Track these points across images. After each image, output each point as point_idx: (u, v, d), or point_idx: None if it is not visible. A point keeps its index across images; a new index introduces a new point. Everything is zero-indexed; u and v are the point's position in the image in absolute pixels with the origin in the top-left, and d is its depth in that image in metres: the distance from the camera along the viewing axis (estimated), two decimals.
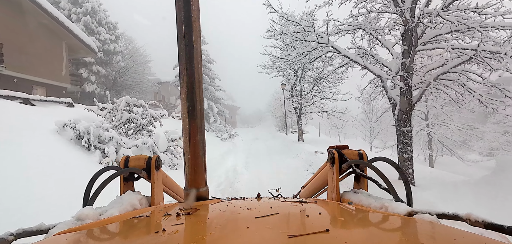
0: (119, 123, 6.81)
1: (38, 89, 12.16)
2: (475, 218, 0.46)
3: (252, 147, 15.84)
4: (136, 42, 21.42)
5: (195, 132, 0.79)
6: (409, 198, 0.68)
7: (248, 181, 7.18)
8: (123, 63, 18.72)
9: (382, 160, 0.78)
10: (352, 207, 0.66)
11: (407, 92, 5.16)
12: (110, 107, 6.92)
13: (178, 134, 7.56)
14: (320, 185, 0.98)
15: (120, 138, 5.69)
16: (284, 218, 0.54)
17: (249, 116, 49.68)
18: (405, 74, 4.79)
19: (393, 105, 5.74)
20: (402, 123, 5.43)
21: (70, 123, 5.44)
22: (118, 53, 19.26)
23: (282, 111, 27.61)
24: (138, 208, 0.73)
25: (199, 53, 0.80)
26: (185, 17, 0.77)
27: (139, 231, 0.51)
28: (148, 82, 21.79)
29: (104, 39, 18.55)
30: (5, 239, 0.49)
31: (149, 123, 7.43)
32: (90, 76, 17.46)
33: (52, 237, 0.49)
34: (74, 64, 17.17)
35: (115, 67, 18.69)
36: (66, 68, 14.07)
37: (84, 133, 5.35)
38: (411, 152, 5.34)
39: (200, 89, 0.80)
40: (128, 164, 0.84)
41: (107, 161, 5.14)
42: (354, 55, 5.58)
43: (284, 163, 9.94)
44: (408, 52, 4.81)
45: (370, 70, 5.47)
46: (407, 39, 4.79)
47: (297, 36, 5.82)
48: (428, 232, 0.44)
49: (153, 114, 7.47)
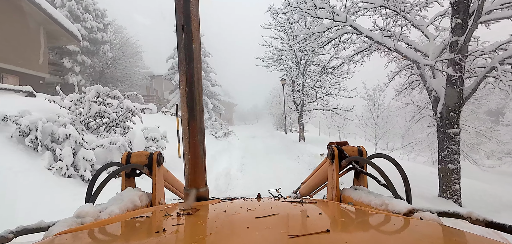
0: (86, 117, 5.58)
1: (9, 79, 10.83)
2: (476, 216, 0.46)
3: (249, 146, 14.71)
4: (127, 31, 20.03)
5: (195, 131, 0.79)
6: (408, 195, 0.68)
7: (244, 186, 6.08)
8: (111, 53, 17.34)
9: (381, 156, 0.77)
10: (352, 207, 0.66)
11: (458, 82, 3.94)
12: (76, 98, 5.68)
13: (159, 132, 6.34)
14: (320, 181, 0.99)
15: (81, 136, 4.45)
16: (284, 218, 0.54)
17: (247, 114, 48.63)
18: (459, 56, 3.57)
19: (434, 100, 4.53)
20: (447, 123, 4.23)
21: (13, 116, 4.21)
22: (106, 42, 17.89)
23: (281, 109, 26.43)
24: (138, 205, 0.75)
25: (199, 53, 0.80)
26: (185, 16, 0.77)
27: (140, 231, 0.51)
28: (139, 75, 20.44)
29: (91, 27, 17.17)
30: (4, 237, 0.50)
31: (126, 118, 6.22)
32: (74, 66, 16.09)
33: (52, 237, 0.48)
34: (57, 53, 15.81)
35: (103, 57, 17.32)
36: (44, 56, 12.71)
37: (30, 129, 4.11)
38: (459, 162, 4.13)
39: (199, 89, 0.80)
40: (130, 160, 0.85)
41: (59, 165, 3.93)
42: (379, 36, 4.37)
43: (284, 165, 8.80)
44: (462, 27, 3.60)
45: (402, 54, 4.27)
46: (461, 9, 3.59)
47: (307, 12, 4.61)
48: (429, 233, 0.43)
49: (131, 108, 6.24)
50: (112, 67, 17.56)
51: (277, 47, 12.86)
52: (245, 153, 11.63)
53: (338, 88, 11.98)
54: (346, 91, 11.89)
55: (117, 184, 0.84)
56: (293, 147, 12.23)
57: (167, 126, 7.85)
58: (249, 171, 8.05)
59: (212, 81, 21.70)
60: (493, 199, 4.97)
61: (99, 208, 0.63)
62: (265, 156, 10.98)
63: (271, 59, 12.56)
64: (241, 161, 9.75)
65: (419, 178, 7.11)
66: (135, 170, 0.87)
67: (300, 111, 12.97)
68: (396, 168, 0.72)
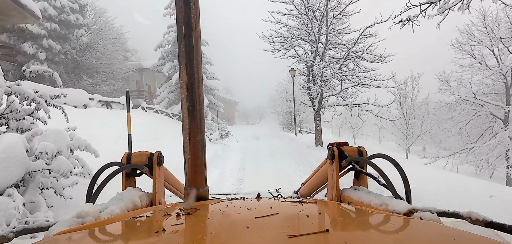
0: None
1: None
2: (475, 216, 0.46)
3: (251, 150, 11.78)
4: (109, 14, 17.09)
5: (195, 131, 0.79)
6: (408, 195, 0.68)
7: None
8: (86, 39, 14.45)
9: (381, 156, 0.77)
10: (352, 207, 0.66)
11: None
12: None
13: (95, 136, 3.37)
14: (320, 182, 0.99)
15: None
16: (284, 218, 0.54)
17: (249, 112, 45.83)
18: None
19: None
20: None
21: None
22: (81, 26, 15.03)
23: (288, 106, 23.37)
24: (139, 205, 0.75)
25: (199, 54, 0.81)
26: (185, 17, 0.78)
27: (139, 231, 0.51)
28: (123, 67, 17.54)
29: (62, 6, 14.33)
30: (5, 236, 0.50)
31: (25, 112, 3.31)
32: (38, 52, 13.26)
33: (52, 237, 0.49)
34: (15, 35, 12.97)
35: (76, 43, 14.45)
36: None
37: None
38: None
39: (200, 90, 0.81)
40: (131, 160, 0.86)
41: None
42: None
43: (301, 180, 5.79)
44: None
45: None
46: None
47: None
48: (429, 233, 0.43)
49: (32, 95, 3.30)
50: (87, 54, 14.68)
51: (287, 24, 9.86)
52: (244, 161, 8.67)
53: (368, 77, 8.91)
54: (381, 80, 8.82)
55: (118, 185, 0.85)
56: (308, 154, 9.25)
57: (155, 128, 5.02)
58: (250, 190, 5.08)
59: (209, 73, 18.77)
60: None
61: (100, 208, 0.64)
62: (271, 165, 8.03)
63: (280, 38, 9.59)
64: (238, 175, 6.81)
65: (474, 197, 4.29)
66: (135, 170, 0.87)
67: (317, 108, 9.93)
68: (396, 168, 0.71)
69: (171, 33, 16.89)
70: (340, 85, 9.47)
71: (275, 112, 29.03)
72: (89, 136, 3.88)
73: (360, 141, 24.97)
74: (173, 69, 16.82)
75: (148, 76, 23.10)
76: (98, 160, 3.19)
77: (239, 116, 43.85)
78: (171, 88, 16.79)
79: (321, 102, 9.79)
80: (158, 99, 16.30)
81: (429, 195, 3.88)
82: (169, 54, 17.35)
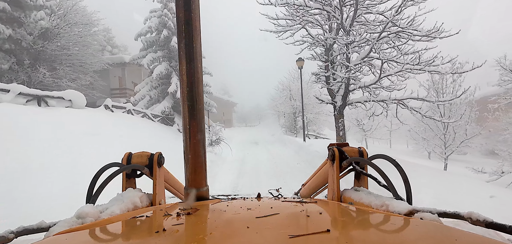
0: None
1: None
2: (476, 217, 0.45)
3: (248, 161, 9.10)
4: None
5: (195, 131, 0.79)
6: (409, 196, 0.67)
7: None
8: (45, 22, 11.69)
9: (381, 157, 0.76)
10: (353, 207, 0.65)
11: None
12: None
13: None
14: (321, 183, 0.98)
15: None
16: (284, 218, 0.54)
17: (248, 114, 43.08)
18: None
19: None
20: None
21: None
22: (40, 7, 12.25)
23: (292, 105, 20.58)
24: (139, 206, 0.75)
25: (199, 53, 0.80)
26: (185, 16, 0.77)
27: (140, 231, 0.51)
28: (97, 59, 14.71)
29: None
30: (5, 237, 0.49)
31: None
32: None
33: (53, 237, 0.48)
34: None
35: (33, 29, 11.67)
36: None
37: None
38: None
39: (200, 89, 0.80)
40: (131, 161, 0.85)
41: None
42: None
43: None
44: None
45: None
46: None
47: None
48: (429, 234, 0.43)
49: None
50: (48, 42, 11.90)
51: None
52: (237, 185, 5.94)
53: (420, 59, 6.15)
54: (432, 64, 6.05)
55: (118, 186, 0.83)
56: None
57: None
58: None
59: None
60: None
61: (100, 209, 0.63)
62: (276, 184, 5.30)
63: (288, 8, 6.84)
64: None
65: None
66: (135, 171, 0.86)
67: (340, 105, 7.17)
68: (396, 169, 0.69)
69: (154, 18, 14.14)
70: (372, 73, 6.70)
71: (275, 113, 26.26)
72: None
73: (370, 146, 22.15)
74: (157, 61, 14.06)
75: (132, 73, 20.23)
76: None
77: (237, 118, 41.14)
78: (153, 84, 14.02)
79: (346, 97, 7.03)
80: (136, 97, 13.49)
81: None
82: (152, 44, 14.60)
